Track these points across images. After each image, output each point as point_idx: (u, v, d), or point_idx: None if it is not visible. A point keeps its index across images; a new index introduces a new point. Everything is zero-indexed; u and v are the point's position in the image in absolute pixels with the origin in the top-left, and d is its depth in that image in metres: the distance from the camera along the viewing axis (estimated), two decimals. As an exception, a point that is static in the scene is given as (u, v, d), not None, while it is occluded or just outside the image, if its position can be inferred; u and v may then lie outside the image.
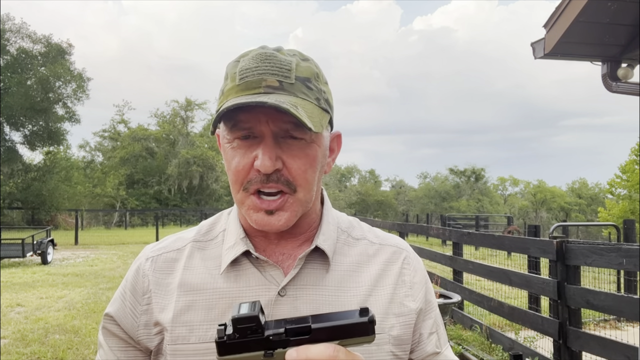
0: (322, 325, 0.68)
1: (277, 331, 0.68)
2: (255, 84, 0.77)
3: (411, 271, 0.91)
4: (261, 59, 0.79)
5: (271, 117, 0.76)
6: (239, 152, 0.79)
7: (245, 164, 0.79)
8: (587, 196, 51.23)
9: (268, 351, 0.68)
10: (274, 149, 0.77)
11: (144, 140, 40.56)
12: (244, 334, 0.67)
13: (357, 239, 0.93)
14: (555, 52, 5.09)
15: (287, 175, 0.79)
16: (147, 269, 0.88)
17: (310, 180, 0.81)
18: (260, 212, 0.80)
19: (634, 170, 21.06)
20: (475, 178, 48.37)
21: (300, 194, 0.80)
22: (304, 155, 0.79)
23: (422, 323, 0.90)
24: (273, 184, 0.78)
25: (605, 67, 5.22)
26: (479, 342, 5.77)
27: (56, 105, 26.96)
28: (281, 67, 0.78)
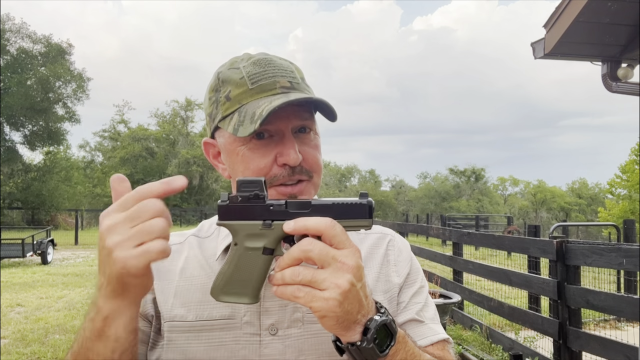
0: (322, 202, 0.70)
1: (278, 202, 0.69)
2: (269, 86, 0.83)
3: (396, 251, 0.97)
4: (265, 63, 0.85)
5: (289, 115, 0.82)
6: (257, 152, 0.84)
7: (267, 162, 0.83)
8: (587, 196, 51.23)
9: (267, 221, 0.69)
10: (295, 144, 0.83)
11: (144, 140, 40.57)
12: (246, 198, 0.69)
13: None
14: (555, 52, 5.09)
15: (305, 165, 0.85)
16: None
17: (322, 166, 0.89)
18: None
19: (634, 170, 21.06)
20: (475, 178, 48.38)
21: (316, 178, 0.87)
22: (315, 146, 0.88)
23: (403, 293, 0.93)
24: (297, 175, 0.84)
25: (605, 67, 5.22)
26: (479, 342, 5.77)
27: (56, 105, 26.98)
28: (286, 69, 0.86)
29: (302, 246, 0.66)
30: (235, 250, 0.70)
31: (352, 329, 0.68)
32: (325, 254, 0.65)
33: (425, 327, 0.91)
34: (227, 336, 0.85)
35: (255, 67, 0.84)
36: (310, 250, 0.65)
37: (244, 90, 0.82)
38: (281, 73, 0.84)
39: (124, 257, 0.65)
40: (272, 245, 0.69)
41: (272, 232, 0.69)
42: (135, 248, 0.65)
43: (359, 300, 0.67)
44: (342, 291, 0.64)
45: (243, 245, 0.69)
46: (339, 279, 0.64)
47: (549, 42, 5.05)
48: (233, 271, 0.70)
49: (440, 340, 0.91)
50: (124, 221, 0.67)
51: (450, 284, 6.79)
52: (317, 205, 0.69)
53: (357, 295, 0.66)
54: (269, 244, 0.69)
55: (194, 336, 0.85)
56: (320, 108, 0.86)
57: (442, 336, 0.92)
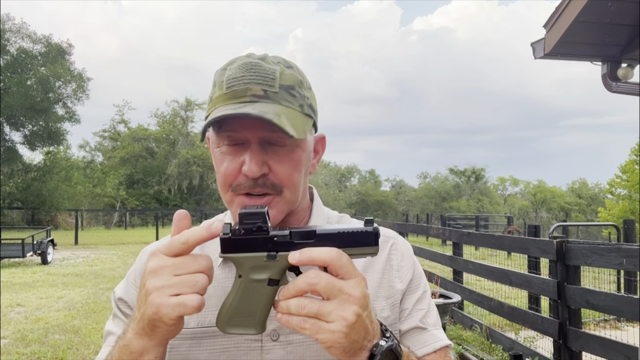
0: (327, 231, 0.68)
1: (282, 232, 0.68)
2: (241, 93, 0.80)
3: (398, 256, 0.95)
4: (247, 68, 0.82)
5: (256, 125, 0.80)
6: (227, 157, 0.83)
7: (233, 169, 0.83)
8: (587, 196, 51.20)
9: (271, 252, 0.67)
10: (260, 155, 0.81)
11: (144, 140, 40.56)
12: (249, 231, 0.67)
13: None
14: (555, 52, 5.09)
15: (273, 179, 0.82)
16: None
17: (296, 182, 0.85)
18: None
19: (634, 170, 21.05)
20: (475, 178, 48.35)
21: (287, 194, 0.84)
22: (289, 160, 0.83)
23: (406, 299, 0.93)
24: (260, 188, 0.82)
25: (605, 67, 5.22)
26: (479, 342, 5.77)
27: (56, 105, 26.96)
28: (266, 77, 0.82)
29: (308, 279, 0.65)
30: (240, 282, 0.69)
31: (358, 355, 0.68)
32: (332, 287, 0.65)
33: (428, 334, 0.91)
34: (228, 342, 0.85)
35: (237, 71, 0.82)
36: (317, 283, 0.65)
37: (220, 94, 0.82)
38: (258, 80, 0.81)
39: (159, 303, 0.67)
40: (277, 277, 0.68)
41: (276, 263, 0.68)
42: (172, 297, 0.67)
43: (365, 328, 0.67)
44: (348, 323, 0.64)
45: (248, 277, 0.69)
46: (345, 311, 0.64)
47: (549, 42, 5.04)
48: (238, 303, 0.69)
49: (442, 347, 0.91)
50: (170, 268, 0.68)
51: (450, 284, 6.79)
52: (322, 234, 0.68)
53: (363, 324, 0.66)
54: (274, 275, 0.68)
55: (196, 343, 0.85)
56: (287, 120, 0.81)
57: (444, 342, 0.92)
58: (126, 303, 0.92)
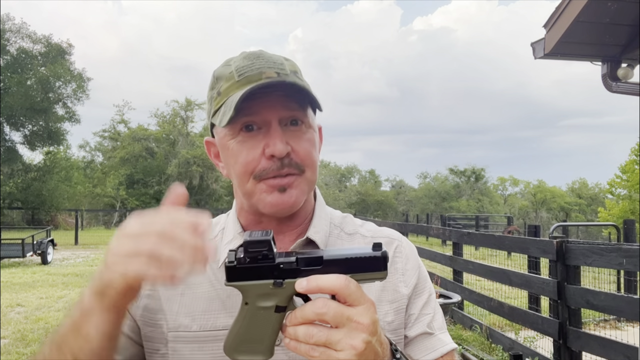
0: (334, 257, 0.67)
1: (289, 259, 0.67)
2: (256, 77, 0.81)
3: (403, 259, 0.93)
4: (254, 57, 0.84)
5: (277, 105, 0.81)
6: (245, 145, 0.82)
7: (255, 154, 0.81)
8: (587, 196, 51.20)
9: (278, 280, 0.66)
10: (283, 134, 0.81)
11: (144, 140, 40.55)
12: (254, 259, 0.66)
13: (350, 233, 0.95)
14: (555, 52, 5.09)
15: (295, 158, 0.82)
16: None
17: (315, 161, 0.86)
18: (274, 193, 0.82)
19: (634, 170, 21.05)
20: (475, 178, 48.35)
21: (308, 173, 0.85)
22: (307, 139, 0.84)
23: (412, 304, 0.91)
24: (287, 168, 0.81)
25: (605, 67, 5.22)
26: (479, 342, 5.77)
27: (56, 105, 26.97)
28: (275, 62, 0.84)
29: (316, 308, 0.64)
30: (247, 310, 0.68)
31: None
32: (340, 315, 0.63)
33: (434, 339, 0.91)
34: None
35: (244, 61, 0.84)
36: (325, 313, 0.63)
37: (231, 84, 0.82)
38: (269, 65, 0.82)
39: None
40: (284, 303, 0.67)
41: (283, 290, 0.66)
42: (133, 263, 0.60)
43: (375, 353, 0.66)
44: (357, 352, 0.63)
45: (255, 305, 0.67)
46: (354, 340, 0.63)
47: (549, 42, 5.04)
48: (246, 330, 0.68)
49: (448, 351, 0.91)
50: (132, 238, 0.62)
51: (450, 284, 6.79)
52: (329, 260, 0.67)
53: (373, 349, 0.65)
54: (281, 302, 0.67)
55: (198, 347, 0.84)
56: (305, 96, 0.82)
57: (450, 347, 0.91)
58: None
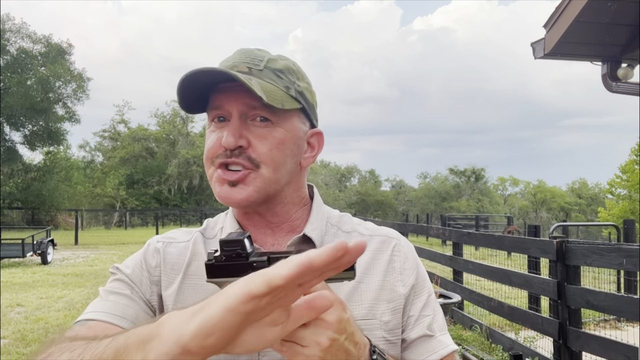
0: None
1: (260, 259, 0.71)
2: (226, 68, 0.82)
3: (401, 258, 0.93)
4: (238, 52, 0.88)
5: (238, 97, 0.83)
6: (213, 133, 0.87)
7: (215, 142, 0.85)
8: (587, 196, 51.20)
9: None
10: (238, 128, 0.83)
11: (144, 140, 40.55)
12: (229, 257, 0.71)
13: (347, 232, 0.95)
14: (555, 52, 5.08)
15: (250, 152, 0.83)
16: (160, 247, 0.94)
17: (277, 160, 0.85)
18: (224, 185, 0.85)
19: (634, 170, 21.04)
20: (475, 178, 48.34)
21: (264, 170, 0.84)
22: (270, 137, 0.84)
23: (411, 305, 0.91)
24: (235, 158, 0.83)
25: (605, 67, 5.22)
26: (479, 342, 5.77)
27: (56, 105, 26.94)
28: (253, 58, 0.86)
29: None
30: None
31: None
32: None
33: (435, 341, 0.90)
34: None
35: (230, 56, 0.87)
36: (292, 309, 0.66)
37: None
38: (245, 60, 0.85)
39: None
40: None
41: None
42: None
43: (345, 350, 0.67)
44: (322, 348, 0.65)
45: None
46: (319, 336, 0.65)
47: (549, 42, 5.04)
48: None
49: (449, 353, 0.91)
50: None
51: (450, 284, 6.79)
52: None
53: (342, 347, 0.67)
54: None
55: None
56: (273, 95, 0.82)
57: (451, 348, 0.91)
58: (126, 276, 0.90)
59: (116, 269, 0.92)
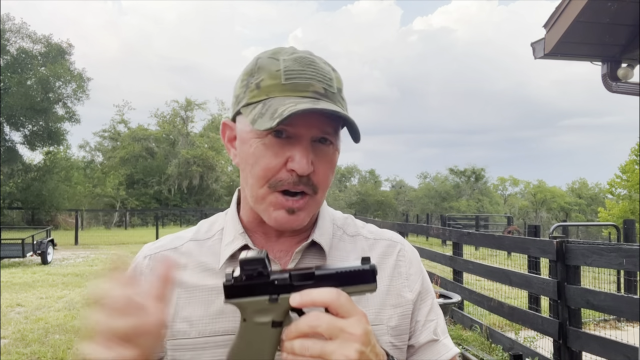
0: (325, 272, 0.70)
1: (282, 276, 0.70)
2: (302, 87, 0.79)
3: (407, 263, 0.93)
4: (305, 63, 0.81)
5: (313, 123, 0.78)
6: (270, 149, 0.79)
7: (277, 163, 0.79)
8: (587, 196, 51.20)
9: (273, 296, 0.70)
10: (310, 153, 0.79)
11: (144, 140, 40.56)
12: (250, 277, 0.69)
13: (352, 235, 0.94)
14: (555, 52, 5.09)
15: (314, 179, 0.81)
16: (144, 266, 0.90)
17: (329, 183, 0.85)
18: (281, 210, 0.81)
19: (634, 170, 21.04)
20: (475, 178, 48.34)
21: (319, 195, 0.83)
22: (330, 161, 0.83)
23: (418, 311, 0.91)
24: (303, 186, 0.80)
25: (605, 67, 5.22)
26: (479, 342, 5.77)
27: (56, 105, 26.97)
28: (324, 76, 0.81)
29: (310, 321, 0.66)
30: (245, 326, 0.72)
31: None
32: (333, 327, 0.65)
33: (440, 345, 0.91)
34: None
35: (294, 64, 0.80)
36: (318, 325, 0.65)
37: (275, 84, 0.79)
38: (319, 77, 0.80)
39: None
40: (280, 318, 0.70)
41: (278, 305, 0.70)
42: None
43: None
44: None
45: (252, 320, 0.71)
46: (347, 350, 0.64)
47: (549, 42, 5.04)
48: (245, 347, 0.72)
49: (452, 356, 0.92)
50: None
51: (450, 284, 6.79)
52: (320, 275, 0.70)
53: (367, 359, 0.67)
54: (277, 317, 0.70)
55: (198, 354, 0.83)
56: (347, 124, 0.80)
57: (454, 351, 0.92)
58: None
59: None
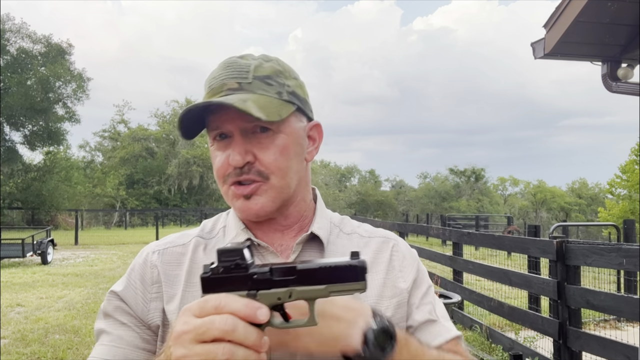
0: (308, 266, 0.66)
1: (262, 270, 0.66)
2: (218, 89, 0.86)
3: (400, 257, 0.97)
4: (224, 66, 0.88)
5: (235, 117, 0.84)
6: (218, 152, 0.88)
7: (223, 161, 0.87)
8: (587, 196, 51.16)
9: (251, 291, 0.66)
10: (242, 145, 0.85)
11: (144, 140, 40.56)
12: (227, 269, 0.66)
13: (348, 233, 0.98)
14: (555, 52, 5.09)
15: (258, 166, 0.86)
16: (155, 260, 0.93)
17: (283, 167, 0.87)
18: (240, 199, 0.87)
19: (634, 170, 21.04)
20: (475, 178, 48.33)
21: (274, 180, 0.87)
22: (274, 146, 0.86)
23: (412, 296, 0.94)
24: (246, 175, 0.86)
25: (605, 67, 5.22)
26: (479, 342, 5.77)
27: (56, 105, 26.93)
28: (240, 71, 0.87)
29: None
30: None
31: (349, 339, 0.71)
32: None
33: (439, 326, 0.93)
34: None
35: (216, 71, 0.88)
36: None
37: (205, 93, 0.88)
38: (233, 75, 0.86)
39: None
40: None
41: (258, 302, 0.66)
42: None
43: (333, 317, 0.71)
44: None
45: None
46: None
47: (549, 42, 5.05)
48: None
49: (454, 337, 0.93)
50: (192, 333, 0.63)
51: (450, 284, 6.79)
52: (303, 270, 0.66)
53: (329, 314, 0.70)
54: None
55: None
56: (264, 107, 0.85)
57: (455, 333, 0.93)
58: (122, 300, 0.90)
59: (112, 294, 0.92)
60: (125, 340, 0.87)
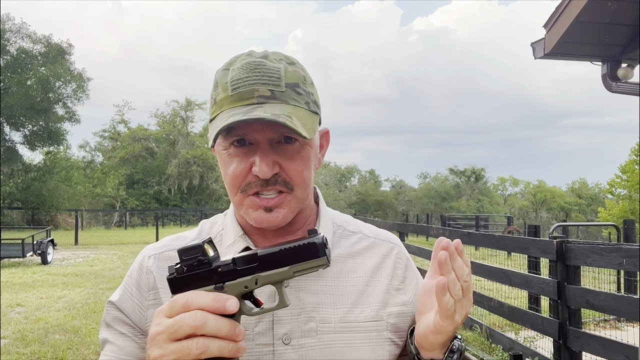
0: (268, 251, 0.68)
1: (225, 261, 0.68)
2: (247, 95, 0.79)
3: (402, 266, 0.97)
4: (250, 68, 0.81)
5: (266, 127, 0.79)
6: (235, 158, 0.82)
7: (242, 169, 0.82)
8: (587, 196, 51.16)
9: (218, 284, 0.67)
10: (270, 156, 0.80)
11: (144, 140, 40.56)
12: (191, 267, 0.67)
13: (353, 231, 0.98)
14: (555, 52, 5.09)
15: (284, 176, 0.82)
16: (151, 265, 0.91)
17: (307, 179, 0.85)
18: (259, 210, 0.83)
19: (634, 170, 21.03)
20: (475, 178, 48.33)
21: (298, 192, 0.84)
22: (299, 157, 0.83)
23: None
24: (272, 186, 0.82)
25: (605, 67, 5.22)
26: (479, 342, 5.77)
27: (56, 105, 26.92)
28: (271, 76, 0.81)
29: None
30: None
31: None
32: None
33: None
34: None
35: (240, 72, 0.81)
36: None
37: (225, 96, 0.81)
38: (264, 80, 0.80)
39: None
40: None
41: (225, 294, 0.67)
42: None
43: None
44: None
45: None
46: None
47: (549, 42, 5.05)
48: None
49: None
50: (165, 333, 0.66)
51: (450, 284, 6.77)
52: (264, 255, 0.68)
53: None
54: None
55: None
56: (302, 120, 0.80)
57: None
58: (120, 310, 0.89)
59: (110, 305, 0.91)
60: (126, 350, 0.87)
